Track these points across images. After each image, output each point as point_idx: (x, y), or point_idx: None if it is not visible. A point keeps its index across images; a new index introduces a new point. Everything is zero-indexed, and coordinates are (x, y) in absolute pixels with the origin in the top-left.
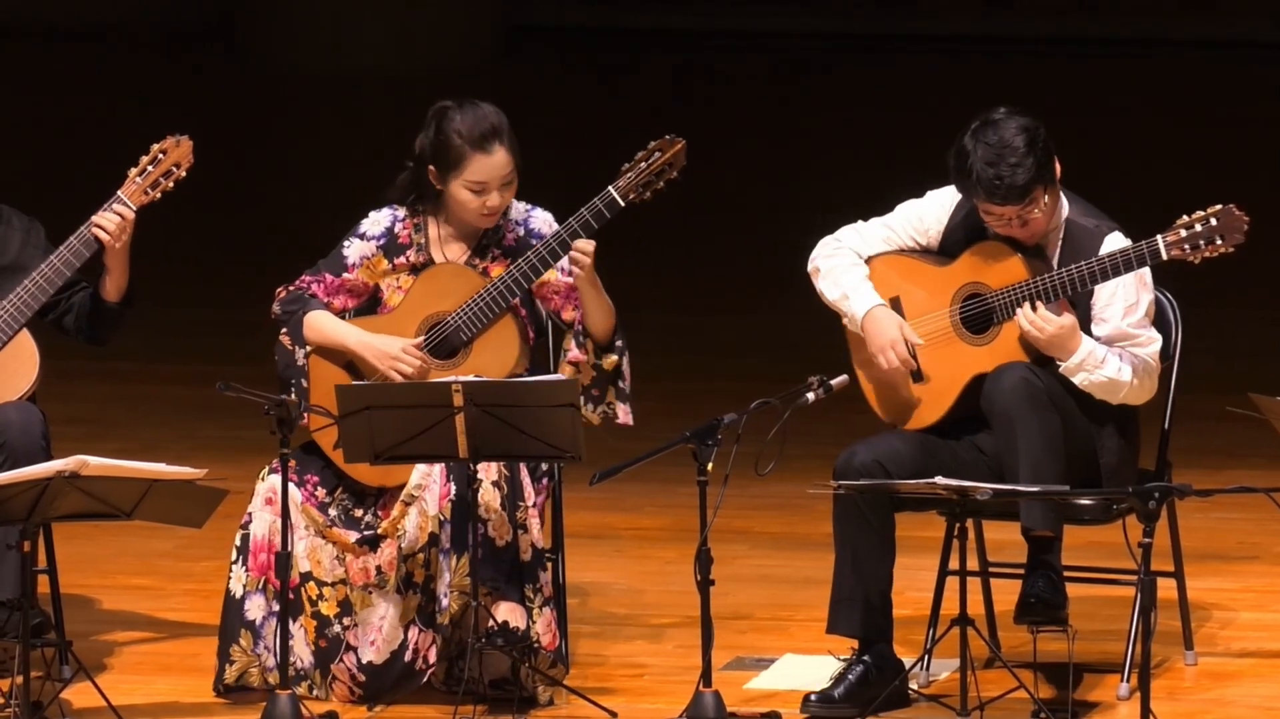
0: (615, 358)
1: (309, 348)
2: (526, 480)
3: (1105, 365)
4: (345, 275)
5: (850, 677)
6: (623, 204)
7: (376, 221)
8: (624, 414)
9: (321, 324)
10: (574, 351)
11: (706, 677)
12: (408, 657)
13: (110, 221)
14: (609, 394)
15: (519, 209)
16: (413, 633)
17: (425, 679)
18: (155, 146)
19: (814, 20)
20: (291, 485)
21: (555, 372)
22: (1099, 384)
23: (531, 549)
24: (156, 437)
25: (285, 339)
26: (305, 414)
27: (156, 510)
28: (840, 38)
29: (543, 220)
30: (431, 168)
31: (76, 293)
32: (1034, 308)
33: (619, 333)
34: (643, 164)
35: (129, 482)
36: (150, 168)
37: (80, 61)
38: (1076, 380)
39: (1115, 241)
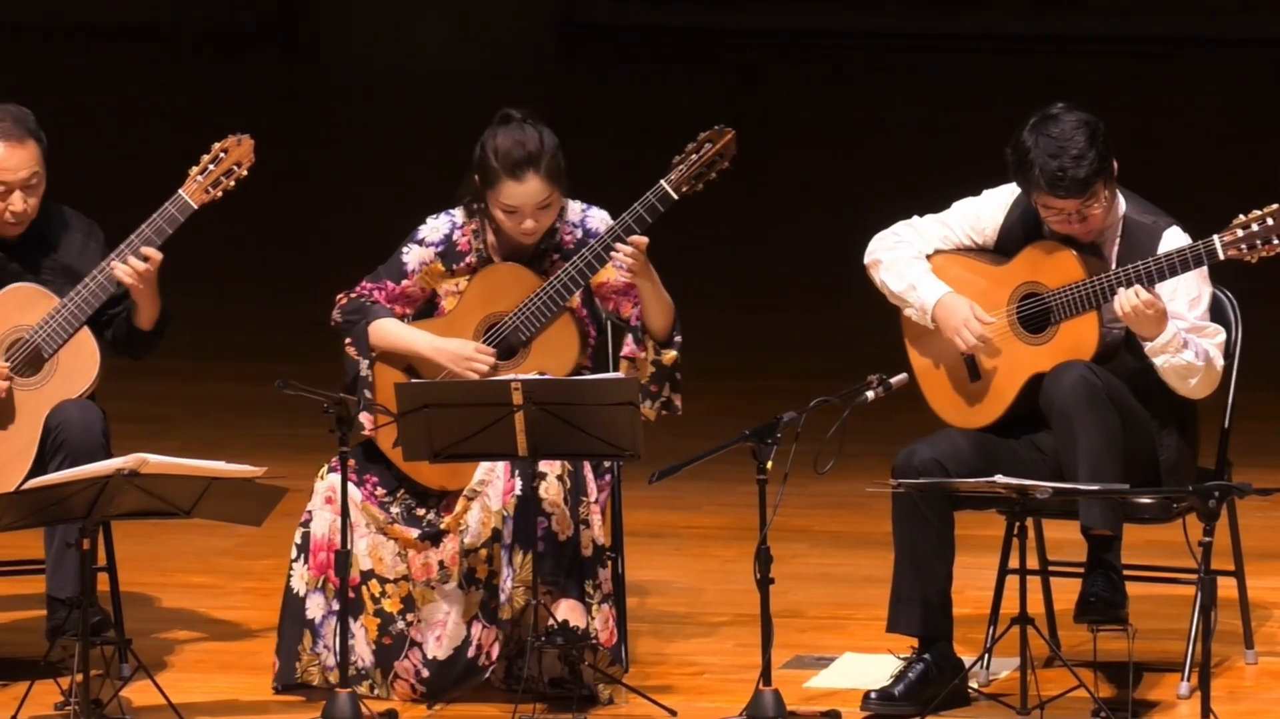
0: (674, 353)
1: (374, 356)
2: (589, 476)
3: (1185, 350)
4: (405, 282)
5: (910, 675)
6: (675, 197)
7: (435, 228)
8: (679, 403)
9: (389, 331)
10: (630, 347)
11: (766, 675)
12: (471, 652)
13: (127, 267)
14: (666, 389)
15: (575, 210)
16: (476, 628)
17: (487, 675)
18: (216, 145)
19: (872, 19)
20: (351, 484)
21: (615, 370)
22: (1177, 367)
23: (593, 545)
24: (216, 435)
25: (351, 349)
26: (365, 414)
27: (216, 509)
28: (898, 36)
29: (599, 220)
30: (476, 178)
31: (121, 309)
32: (1135, 292)
33: (678, 328)
34: (693, 156)
35: (188, 480)
36: (211, 166)
37: (142, 60)
38: (1158, 362)
39: (1173, 236)
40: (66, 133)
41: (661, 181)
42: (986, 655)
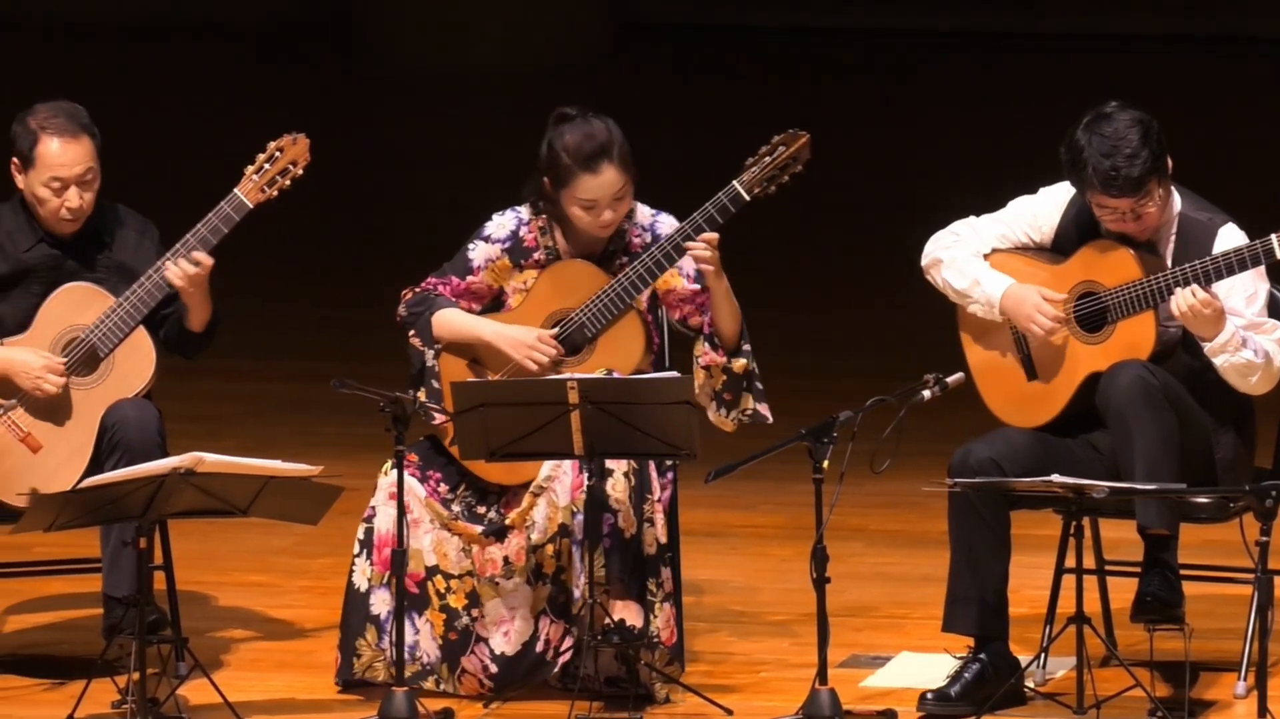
0: (744, 361)
1: (439, 347)
2: (653, 474)
3: (1244, 349)
4: (470, 278)
5: (966, 675)
6: (747, 198)
7: (501, 225)
8: (767, 412)
9: (452, 320)
10: (708, 354)
11: (822, 674)
12: (539, 647)
13: (179, 274)
14: (743, 399)
15: (645, 214)
16: (544, 623)
17: (556, 670)
18: (272, 144)
19: (925, 17)
20: (414, 480)
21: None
22: (1237, 366)
23: (656, 544)
24: (272, 434)
25: (415, 341)
26: (422, 411)
27: (272, 507)
28: (951, 35)
29: (668, 225)
30: (546, 179)
31: (174, 310)
32: (1192, 292)
33: (746, 336)
34: (767, 158)
35: (245, 478)
36: (267, 165)
37: (196, 59)
38: (1217, 362)
39: (1229, 234)
40: (122, 131)
41: (734, 182)
42: (1043, 655)
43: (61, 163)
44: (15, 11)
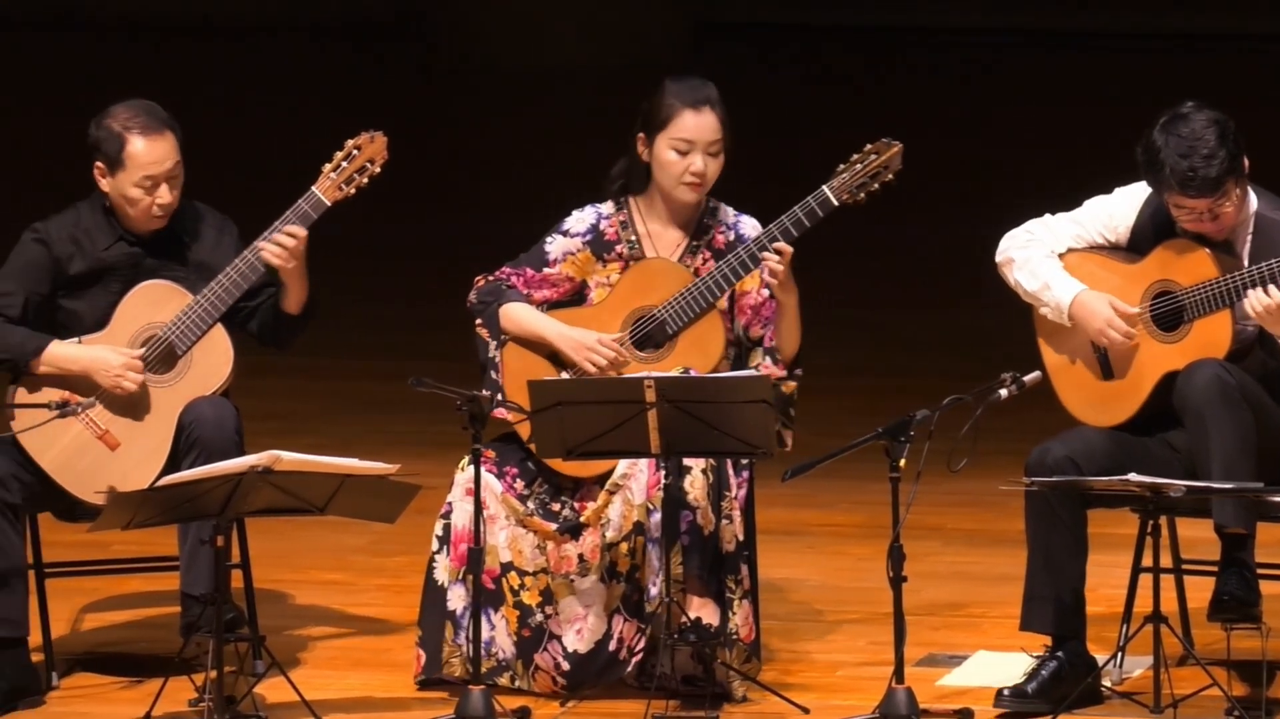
0: (794, 384)
1: (504, 339)
2: (731, 472)
3: None
4: (546, 270)
5: (1043, 673)
6: (836, 204)
7: (580, 219)
8: (788, 438)
9: (519, 315)
10: (767, 367)
11: (899, 673)
12: (612, 646)
13: (276, 249)
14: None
15: (729, 212)
16: (617, 622)
17: (629, 668)
18: (349, 142)
19: (1001, 16)
20: (491, 476)
21: None
22: None
23: (735, 541)
24: (349, 432)
25: (482, 331)
26: (498, 408)
27: (349, 506)
28: (1028, 33)
29: (751, 227)
30: (641, 135)
31: (264, 298)
32: (1266, 292)
33: (801, 359)
34: (858, 165)
35: (322, 477)
36: (344, 164)
37: (273, 57)
38: None
39: None
40: (201, 130)
41: (824, 187)
42: (1120, 654)
43: (151, 160)
44: (98, 10)
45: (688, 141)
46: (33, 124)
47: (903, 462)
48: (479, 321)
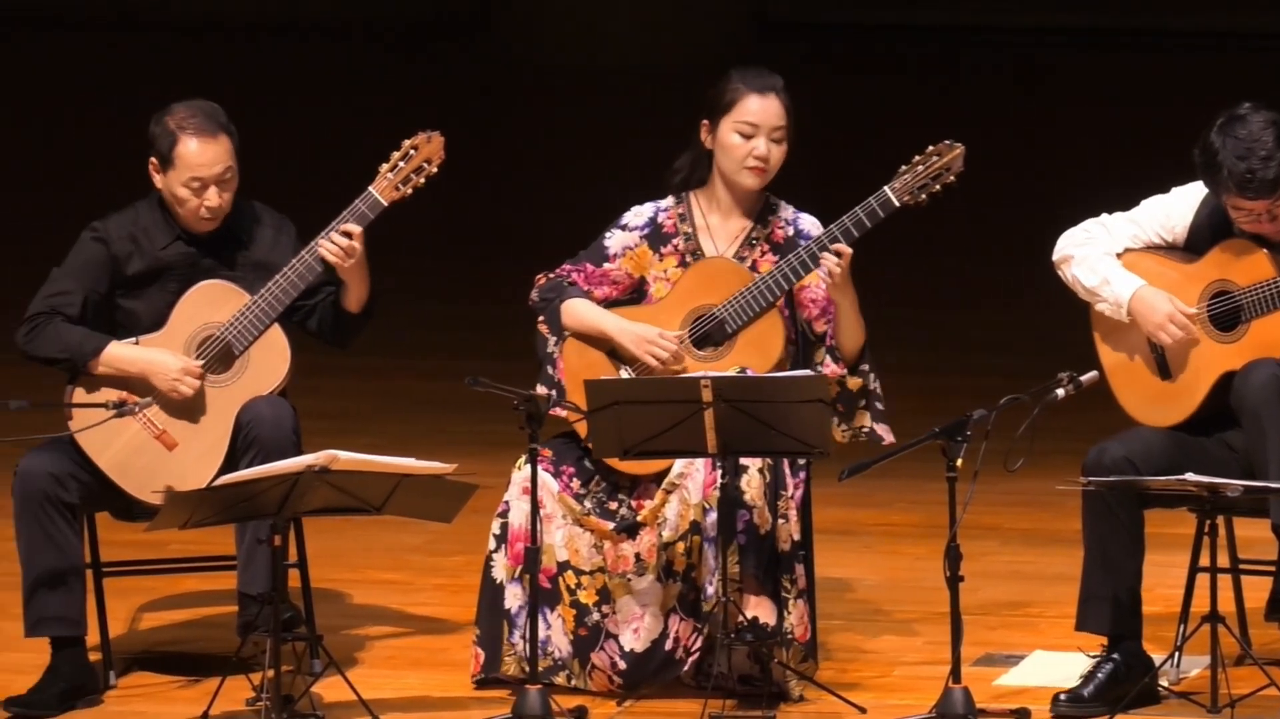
0: (860, 380)
1: (565, 335)
2: (787, 471)
3: None
4: (606, 265)
5: (1100, 675)
6: (897, 205)
7: (639, 213)
8: (886, 434)
9: (580, 311)
10: (829, 366)
11: (956, 673)
12: (668, 645)
13: (334, 247)
14: (858, 416)
15: (789, 209)
16: (673, 621)
17: (685, 668)
18: (407, 142)
19: (1058, 15)
20: (548, 475)
21: None
22: None
23: (791, 541)
24: (405, 431)
25: (543, 327)
26: (555, 408)
27: (406, 505)
28: (1084, 32)
29: (811, 223)
30: (705, 122)
31: (323, 296)
32: None
33: (867, 354)
34: (920, 167)
35: (379, 476)
36: (401, 163)
37: (332, 57)
38: None
39: None
40: (259, 129)
41: (885, 188)
42: (1177, 654)
43: (201, 162)
44: (157, 10)
45: (752, 125)
46: (98, 124)
47: (960, 461)
48: (540, 319)
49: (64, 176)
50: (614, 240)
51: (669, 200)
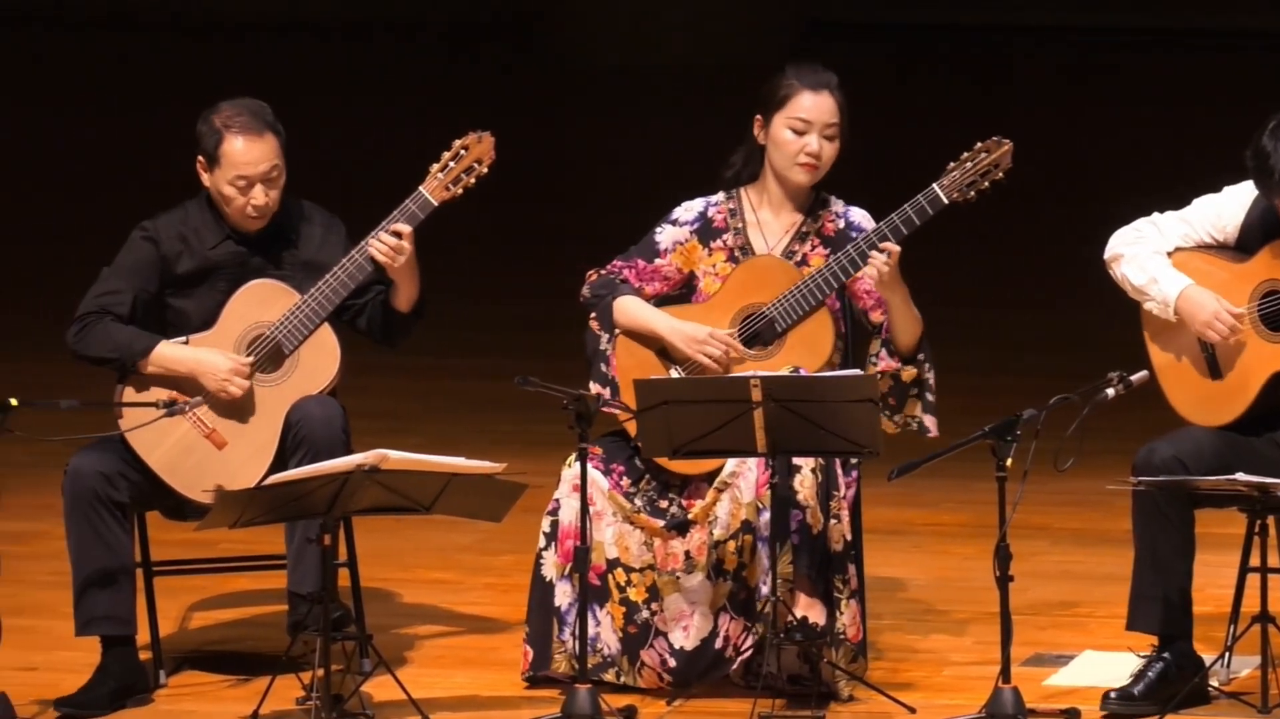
0: (913, 370)
1: (616, 332)
2: (839, 471)
3: None
4: (658, 261)
5: (1150, 674)
6: (946, 202)
7: (689, 208)
8: (933, 426)
9: (631, 309)
10: (885, 360)
11: (1005, 673)
12: (718, 644)
13: (384, 246)
14: (908, 406)
15: (839, 203)
16: (724, 620)
17: (735, 667)
18: (457, 142)
19: (1107, 15)
20: (598, 473)
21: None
22: None
23: (842, 541)
24: (455, 431)
25: (594, 324)
26: (604, 407)
27: (456, 505)
28: (1133, 32)
29: (861, 216)
30: (758, 117)
31: (373, 295)
32: None
33: (924, 346)
34: (968, 164)
35: (429, 476)
36: (452, 163)
37: (383, 56)
38: None
39: None
40: (309, 129)
41: (934, 185)
42: (1227, 654)
43: (246, 161)
44: (209, 10)
45: (805, 121)
46: (149, 125)
47: (1009, 461)
48: (592, 315)
49: (118, 178)
50: (664, 235)
51: (719, 195)
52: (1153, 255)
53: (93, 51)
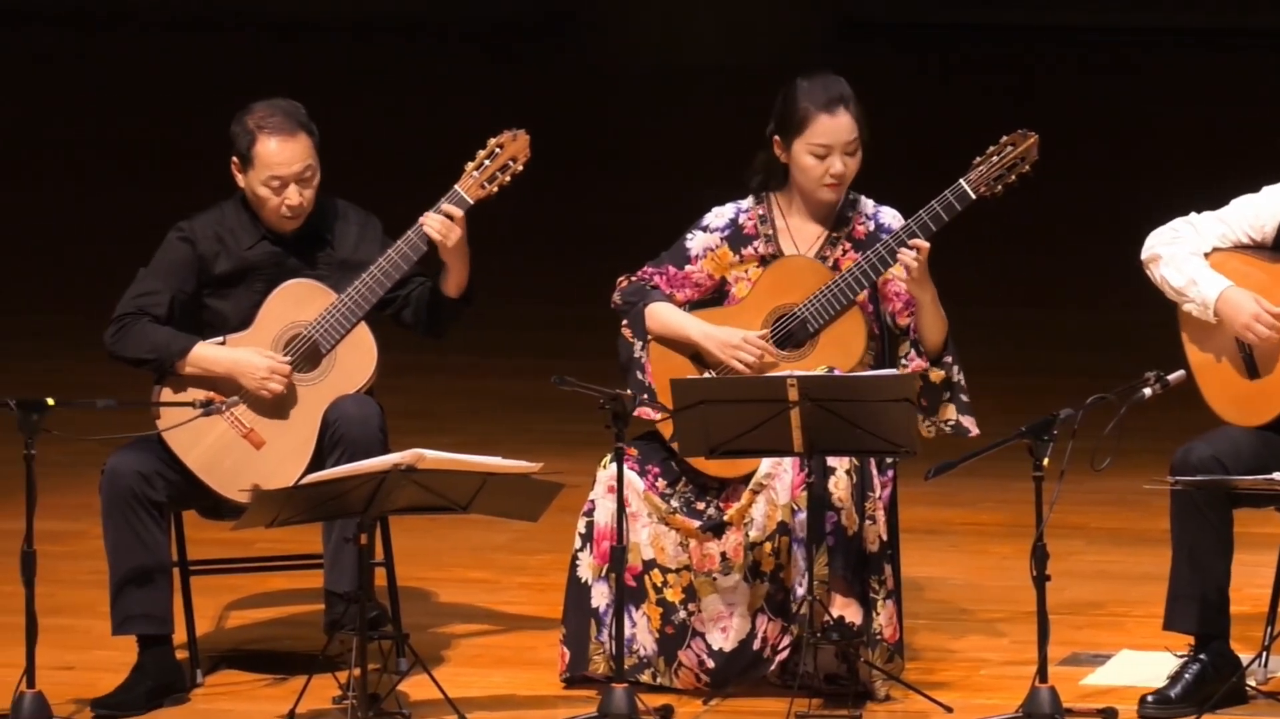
0: (941, 372)
1: (649, 339)
2: (874, 472)
3: None
4: (688, 268)
5: (1187, 675)
6: (974, 197)
7: (720, 214)
8: (971, 425)
9: (664, 315)
10: (916, 360)
11: (1042, 672)
12: (756, 645)
13: (438, 221)
14: (943, 409)
15: (868, 204)
16: (761, 621)
17: (772, 667)
18: (492, 141)
19: (1148, 14)
20: (633, 474)
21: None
22: None
23: (878, 541)
24: (491, 430)
25: (626, 331)
26: (641, 406)
27: (492, 504)
28: (1176, 31)
29: (891, 217)
30: (777, 138)
31: (415, 287)
32: None
33: (949, 346)
34: (994, 158)
35: (465, 475)
36: (487, 162)
37: (416, 56)
38: None
39: None
40: (343, 129)
41: (961, 180)
42: (1264, 654)
43: (280, 161)
44: (245, 10)
45: (825, 146)
46: (189, 124)
47: (1046, 461)
48: (625, 323)
49: (158, 178)
50: (695, 242)
51: (749, 201)
52: (1190, 256)
53: (145, 51)
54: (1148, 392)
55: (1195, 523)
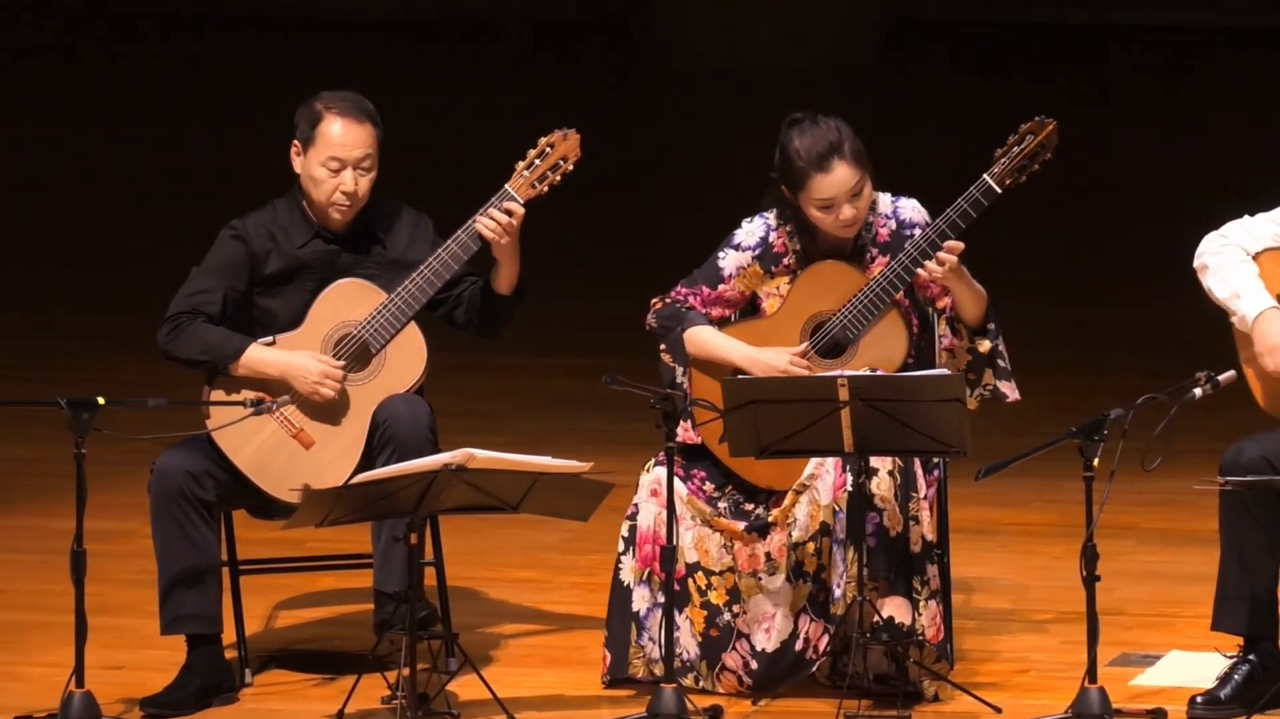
0: (989, 342)
1: (689, 364)
2: (919, 472)
3: None
4: (721, 287)
5: (1236, 676)
6: (999, 190)
7: (750, 232)
8: (1010, 390)
9: (703, 340)
10: (949, 338)
11: (1092, 673)
12: (798, 646)
13: (493, 220)
14: (986, 376)
15: (885, 202)
16: (804, 622)
17: (814, 669)
18: (543, 140)
19: (1205, 14)
20: (677, 479)
21: (937, 359)
22: None
23: (922, 542)
24: (542, 430)
25: (666, 357)
26: (692, 410)
27: (542, 503)
28: (1230, 31)
29: (911, 209)
30: (784, 186)
31: (466, 286)
32: None
33: (991, 315)
34: (1015, 148)
35: (515, 475)
36: (538, 161)
37: (471, 55)
38: None
39: None
40: (397, 127)
41: (984, 175)
42: None
43: (342, 143)
44: (305, 9)
45: (828, 200)
46: (241, 124)
47: (1096, 461)
48: (663, 348)
49: (212, 184)
50: (728, 261)
51: (775, 218)
52: (1239, 265)
53: (198, 55)
54: (1198, 392)
55: (1245, 523)
